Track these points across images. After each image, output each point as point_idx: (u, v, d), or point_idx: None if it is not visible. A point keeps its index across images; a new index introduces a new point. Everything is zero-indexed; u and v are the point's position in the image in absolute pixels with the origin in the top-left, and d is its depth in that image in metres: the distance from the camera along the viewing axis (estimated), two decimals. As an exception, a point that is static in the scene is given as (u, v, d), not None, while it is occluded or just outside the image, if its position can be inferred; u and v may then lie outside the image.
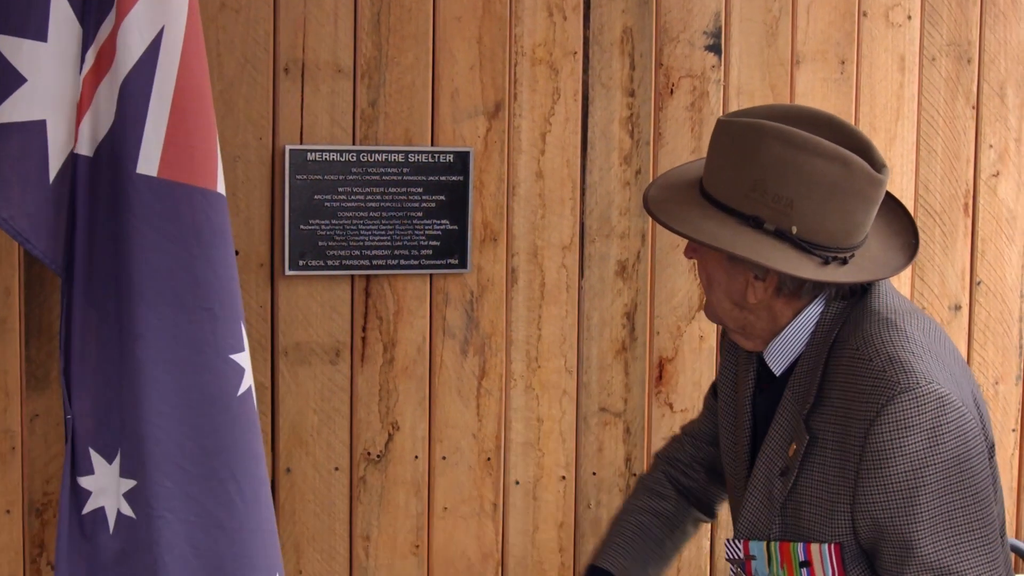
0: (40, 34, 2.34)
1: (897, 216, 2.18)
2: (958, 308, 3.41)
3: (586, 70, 3.12)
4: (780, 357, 2.13)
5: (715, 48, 3.19)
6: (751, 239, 1.99)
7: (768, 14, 3.22)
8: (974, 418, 1.96)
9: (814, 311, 2.08)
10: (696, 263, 2.21)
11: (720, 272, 2.10)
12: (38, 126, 2.37)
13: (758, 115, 2.05)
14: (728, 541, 2.16)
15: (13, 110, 2.35)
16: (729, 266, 2.08)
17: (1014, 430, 3.48)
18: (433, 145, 3.02)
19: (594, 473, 3.21)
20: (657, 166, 3.16)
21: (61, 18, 2.35)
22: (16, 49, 2.34)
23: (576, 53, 3.10)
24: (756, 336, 2.15)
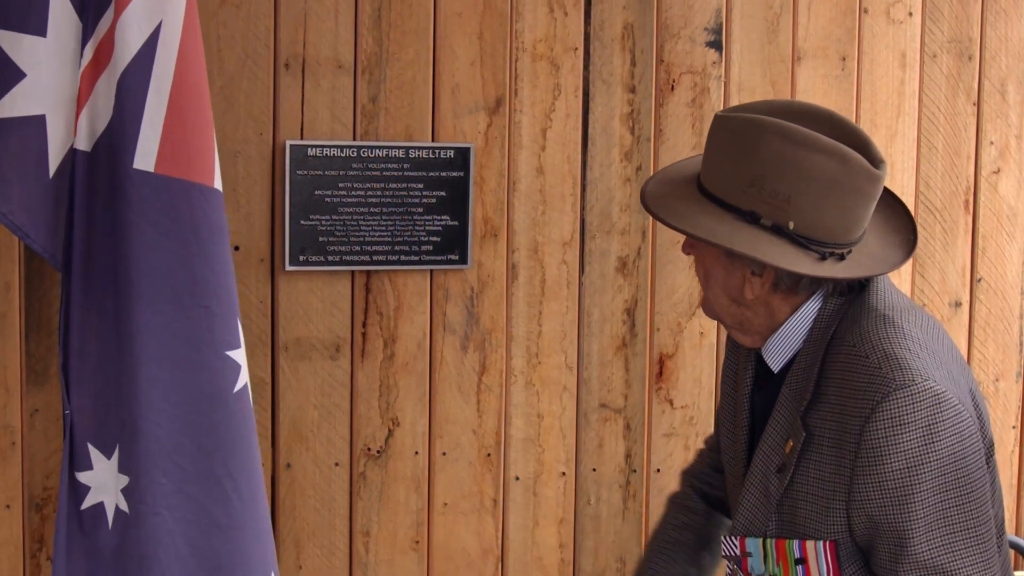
0: (39, 29, 2.34)
1: (896, 212, 2.17)
2: (958, 305, 3.41)
3: (587, 66, 3.12)
4: (778, 354, 2.12)
5: (716, 44, 3.19)
6: (748, 235, 1.98)
7: (769, 10, 3.21)
8: (970, 416, 1.95)
9: (812, 307, 2.08)
10: (694, 259, 2.20)
11: (717, 268, 2.10)
12: (37, 121, 2.37)
13: (756, 110, 2.05)
14: (724, 538, 2.16)
15: (13, 105, 2.35)
16: (726, 262, 2.07)
17: (1014, 427, 3.48)
18: (434, 141, 3.02)
19: (594, 469, 3.21)
20: (658, 162, 3.15)
21: (60, 13, 2.35)
22: (16, 44, 2.33)
23: (577, 49, 3.10)
24: (754, 332, 2.15)
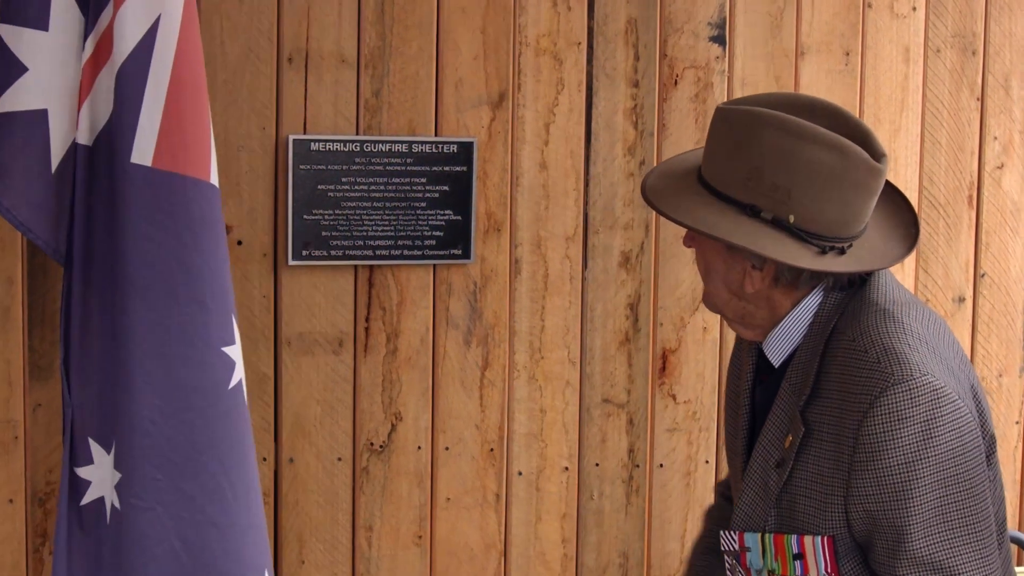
0: (41, 23, 2.33)
1: (898, 206, 2.16)
2: (962, 300, 3.40)
3: (590, 60, 3.11)
4: (779, 348, 2.12)
5: (719, 39, 3.18)
6: (748, 228, 1.98)
7: (773, 5, 3.21)
8: (970, 411, 1.94)
9: (812, 301, 2.07)
10: (695, 252, 2.20)
11: (718, 261, 2.09)
12: (40, 115, 2.37)
13: (757, 103, 2.04)
14: (724, 533, 2.15)
15: (15, 99, 2.35)
16: (727, 255, 2.07)
17: (1017, 422, 3.47)
18: (437, 135, 3.02)
19: (597, 464, 3.21)
20: (661, 157, 3.15)
21: (62, 7, 2.34)
22: (17, 38, 2.33)
23: (580, 43, 3.10)
24: (755, 326, 2.14)
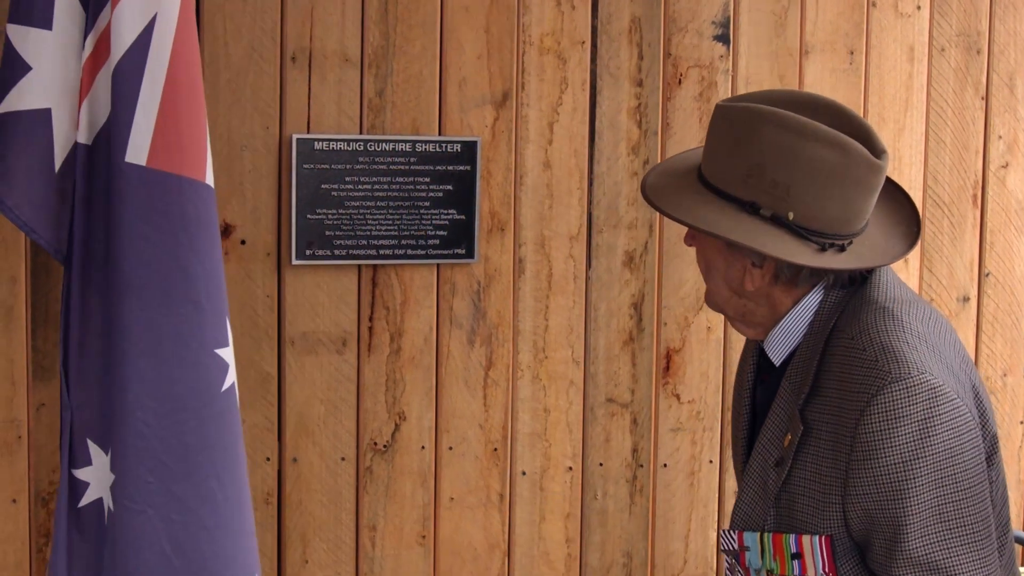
0: (45, 22, 2.33)
1: (899, 204, 2.16)
2: (966, 300, 3.40)
3: (594, 59, 3.11)
4: (779, 346, 2.11)
5: (723, 38, 3.18)
6: (748, 225, 1.97)
7: (777, 4, 3.21)
8: (969, 411, 1.93)
9: (813, 300, 2.06)
10: (696, 251, 2.19)
11: (718, 259, 2.09)
12: (43, 115, 2.36)
13: (757, 100, 2.04)
14: (723, 532, 2.14)
15: (19, 99, 2.34)
16: (727, 253, 2.06)
17: (1022, 422, 3.46)
18: (440, 134, 3.02)
19: (601, 464, 3.21)
20: (665, 156, 3.14)
21: (65, 5, 2.33)
22: (23, 38, 2.33)
23: (584, 42, 3.10)
24: (756, 324, 2.14)
